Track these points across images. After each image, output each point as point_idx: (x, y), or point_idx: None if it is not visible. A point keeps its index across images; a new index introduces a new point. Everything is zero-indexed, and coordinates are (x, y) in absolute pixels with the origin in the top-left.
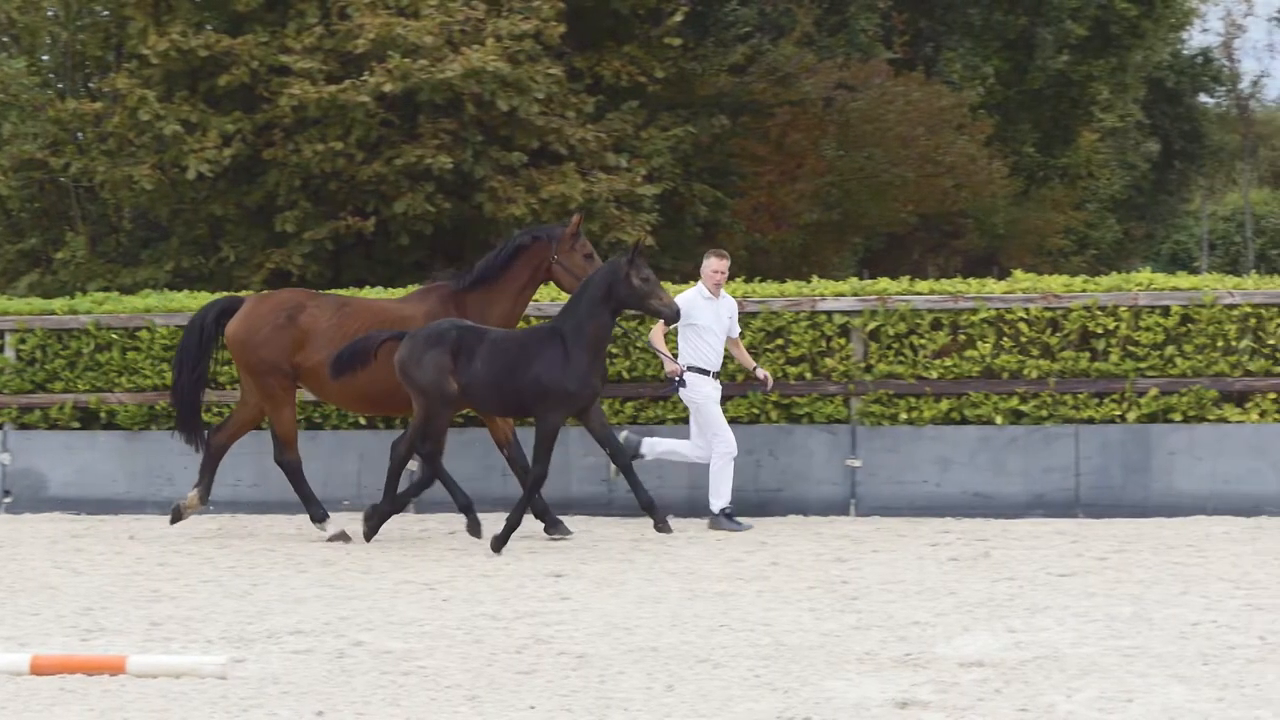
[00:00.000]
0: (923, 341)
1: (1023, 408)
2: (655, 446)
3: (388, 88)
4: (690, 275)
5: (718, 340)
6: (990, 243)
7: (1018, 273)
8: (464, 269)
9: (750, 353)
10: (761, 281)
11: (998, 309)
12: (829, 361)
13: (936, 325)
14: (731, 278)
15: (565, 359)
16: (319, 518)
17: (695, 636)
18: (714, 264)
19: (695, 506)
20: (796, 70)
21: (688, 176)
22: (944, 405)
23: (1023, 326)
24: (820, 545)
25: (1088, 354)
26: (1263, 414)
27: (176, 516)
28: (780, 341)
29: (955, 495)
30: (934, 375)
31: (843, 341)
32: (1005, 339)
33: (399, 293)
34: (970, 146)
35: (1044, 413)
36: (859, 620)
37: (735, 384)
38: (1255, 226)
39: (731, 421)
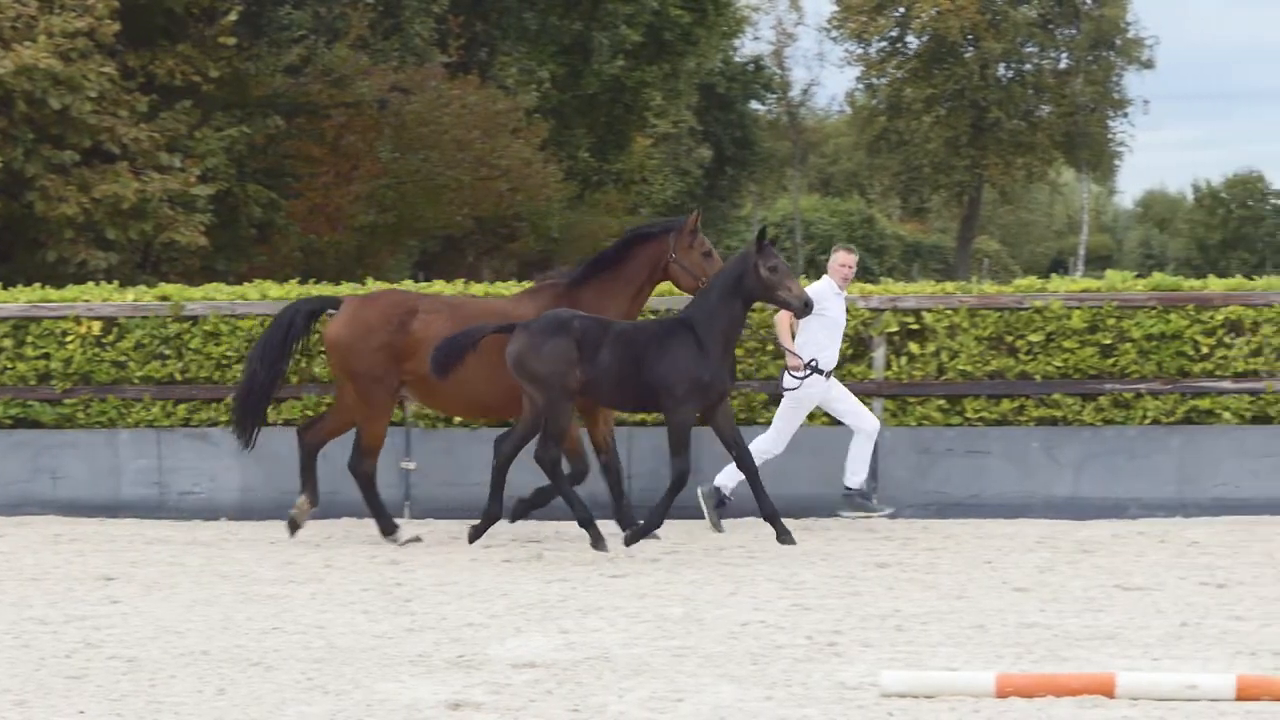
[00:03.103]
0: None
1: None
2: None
3: None
4: (245, 277)
5: (839, 335)
6: (545, 246)
7: None
8: (577, 268)
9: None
10: (316, 283)
11: None
12: None
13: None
14: (284, 280)
15: (698, 350)
16: (388, 530)
17: (247, 640)
18: (843, 258)
19: (247, 510)
20: (351, 73)
21: (242, 177)
22: None
23: None
24: (374, 548)
25: None
26: (812, 416)
27: (293, 526)
28: None
29: (509, 497)
30: None
31: None
32: None
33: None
34: (526, 150)
35: None
36: (412, 622)
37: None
38: (805, 232)
39: (288, 423)
